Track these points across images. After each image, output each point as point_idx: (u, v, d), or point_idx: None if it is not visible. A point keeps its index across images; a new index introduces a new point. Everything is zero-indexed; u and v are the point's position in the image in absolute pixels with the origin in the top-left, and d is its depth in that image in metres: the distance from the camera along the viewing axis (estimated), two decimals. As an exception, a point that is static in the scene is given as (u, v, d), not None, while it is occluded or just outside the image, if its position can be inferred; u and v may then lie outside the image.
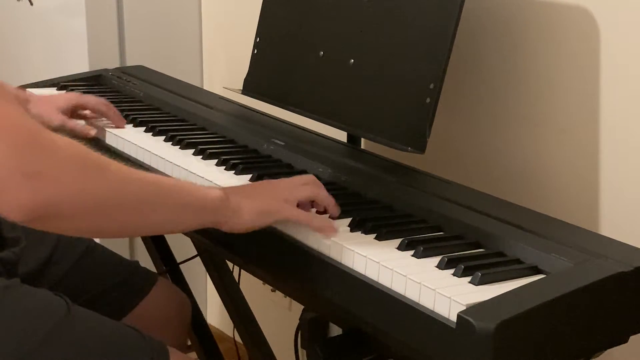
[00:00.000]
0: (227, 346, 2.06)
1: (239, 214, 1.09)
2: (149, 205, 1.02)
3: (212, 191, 1.08)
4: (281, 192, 1.13)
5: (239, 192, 1.12)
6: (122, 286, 1.48)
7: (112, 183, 0.98)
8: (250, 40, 1.68)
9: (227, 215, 1.08)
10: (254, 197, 1.11)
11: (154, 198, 1.03)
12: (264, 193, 1.13)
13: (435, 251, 1.05)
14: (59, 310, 1.17)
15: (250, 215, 1.10)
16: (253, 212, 1.10)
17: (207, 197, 1.07)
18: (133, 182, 1.01)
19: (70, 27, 2.14)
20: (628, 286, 0.98)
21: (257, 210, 1.10)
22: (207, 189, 1.09)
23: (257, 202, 1.11)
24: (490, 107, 1.54)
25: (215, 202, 1.07)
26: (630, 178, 1.35)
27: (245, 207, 1.09)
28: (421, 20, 1.34)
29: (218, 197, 1.07)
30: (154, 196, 1.03)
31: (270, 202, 1.12)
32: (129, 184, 1.00)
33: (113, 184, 0.98)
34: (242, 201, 1.09)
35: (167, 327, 1.50)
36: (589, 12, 1.37)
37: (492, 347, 0.86)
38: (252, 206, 1.10)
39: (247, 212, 1.09)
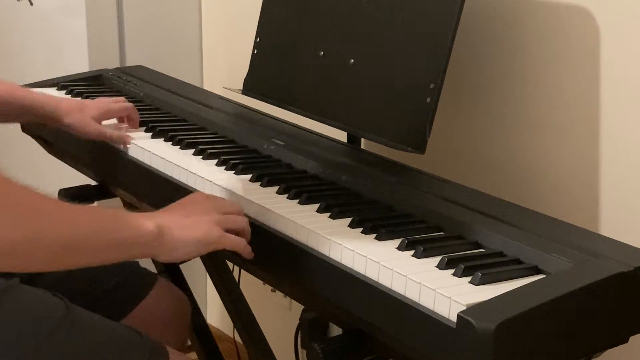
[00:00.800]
0: (227, 346, 2.06)
1: (173, 248, 1.08)
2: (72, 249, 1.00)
3: (144, 225, 1.06)
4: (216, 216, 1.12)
5: (173, 224, 1.09)
6: (122, 287, 1.47)
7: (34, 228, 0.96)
8: (250, 40, 1.68)
9: (161, 250, 1.08)
10: (188, 229, 1.09)
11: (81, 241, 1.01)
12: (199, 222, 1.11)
13: (435, 251, 1.05)
14: (58, 311, 1.17)
15: (188, 247, 1.09)
16: (190, 244, 1.09)
17: (138, 233, 1.05)
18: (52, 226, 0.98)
19: (70, 27, 2.14)
20: (628, 286, 0.98)
21: (194, 242, 1.10)
22: (140, 223, 1.06)
23: (192, 233, 1.09)
24: (490, 107, 1.54)
25: (147, 237, 1.06)
26: (630, 178, 1.35)
27: (181, 241, 1.08)
28: (421, 20, 1.34)
29: (150, 233, 1.06)
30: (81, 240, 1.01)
31: (207, 231, 1.10)
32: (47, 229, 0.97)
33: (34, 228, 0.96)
34: (176, 233, 1.08)
35: (167, 327, 1.50)
36: (589, 12, 1.37)
37: (492, 347, 0.86)
38: (188, 239, 1.09)
39: (183, 246, 1.09)
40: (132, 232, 1.06)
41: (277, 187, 1.26)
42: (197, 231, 1.10)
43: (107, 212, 1.07)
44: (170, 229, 1.08)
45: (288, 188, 1.25)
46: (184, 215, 1.12)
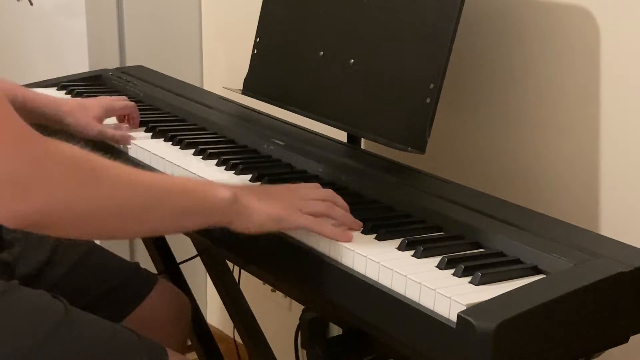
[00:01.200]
0: (227, 346, 2.06)
1: (248, 217, 1.07)
2: (146, 212, 1.01)
3: (221, 192, 1.06)
4: (296, 201, 1.11)
5: (252, 193, 1.10)
6: (123, 288, 1.47)
7: (106, 191, 0.97)
8: (250, 40, 1.68)
9: (235, 217, 1.07)
10: (266, 201, 1.09)
11: (153, 203, 1.01)
12: (279, 198, 1.11)
13: (435, 251, 1.05)
14: (57, 313, 1.17)
15: (260, 218, 1.08)
16: (263, 215, 1.08)
17: (214, 198, 1.05)
18: (130, 189, 0.99)
19: (70, 27, 2.14)
20: (628, 286, 0.98)
21: (268, 215, 1.08)
22: (216, 189, 1.06)
23: (269, 206, 1.09)
24: (490, 107, 1.54)
25: (223, 203, 1.05)
26: (630, 178, 1.35)
27: (256, 210, 1.08)
28: (421, 20, 1.34)
29: (226, 199, 1.05)
30: (153, 202, 1.01)
31: (283, 208, 1.09)
32: (125, 191, 0.98)
33: (106, 191, 0.97)
34: (253, 203, 1.08)
35: (167, 328, 1.49)
36: (589, 12, 1.37)
37: (492, 347, 0.86)
38: (264, 210, 1.08)
39: (257, 215, 1.08)
40: (207, 197, 1.05)
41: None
42: (272, 206, 1.09)
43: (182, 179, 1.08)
44: (246, 199, 1.07)
45: (288, 188, 1.25)
46: (265, 194, 1.12)
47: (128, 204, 0.99)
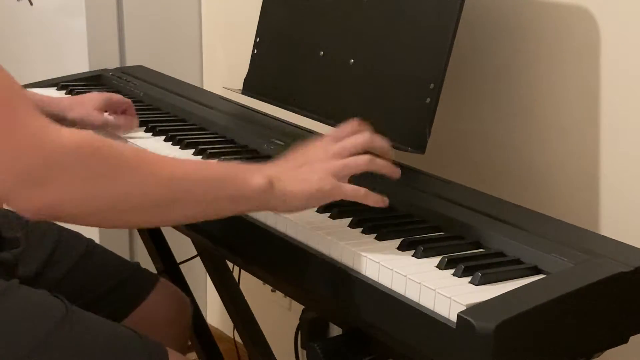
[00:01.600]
0: (227, 346, 2.06)
1: (287, 202, 1.05)
2: (172, 204, 0.99)
3: (254, 179, 1.02)
4: (331, 167, 1.07)
5: (285, 176, 1.05)
6: (123, 288, 1.47)
7: (125, 186, 0.95)
8: (250, 40, 1.68)
9: (274, 203, 1.05)
10: (300, 181, 1.05)
11: (179, 197, 0.99)
12: (313, 170, 1.07)
13: (435, 251, 1.05)
14: (57, 312, 1.17)
15: (300, 201, 1.05)
16: (303, 197, 1.05)
17: (246, 187, 1.02)
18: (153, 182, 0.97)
19: (70, 27, 2.14)
20: (628, 286, 0.98)
21: (307, 195, 1.05)
22: (250, 177, 1.02)
23: (305, 185, 1.05)
24: (490, 107, 1.54)
25: (256, 192, 1.02)
26: (630, 178, 1.35)
27: (293, 194, 1.04)
28: (421, 20, 1.34)
29: (260, 188, 1.02)
30: (179, 195, 0.99)
31: (320, 183, 1.05)
32: (147, 185, 0.96)
33: (126, 186, 0.95)
34: (288, 187, 1.04)
35: (167, 328, 1.49)
36: (589, 12, 1.37)
37: (492, 347, 0.86)
38: (301, 191, 1.05)
39: (295, 199, 1.05)
40: (240, 187, 1.02)
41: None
42: (310, 183, 1.05)
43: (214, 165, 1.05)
44: (281, 181, 1.04)
45: (288, 188, 1.25)
46: (297, 166, 1.08)
47: (150, 198, 0.97)
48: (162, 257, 1.84)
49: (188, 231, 1.38)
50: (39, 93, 1.59)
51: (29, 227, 1.38)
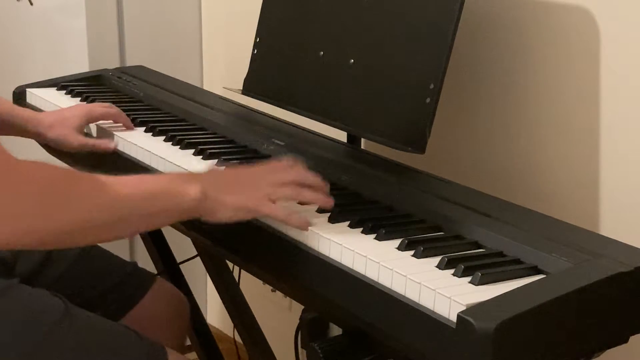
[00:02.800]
0: (227, 346, 2.06)
1: (217, 211, 1.11)
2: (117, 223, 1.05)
3: (190, 190, 1.09)
4: (264, 188, 1.13)
5: (220, 187, 1.12)
6: (120, 287, 1.48)
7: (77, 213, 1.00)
8: (250, 40, 1.68)
9: (204, 212, 1.10)
10: (234, 193, 1.12)
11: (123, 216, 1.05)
12: (248, 186, 1.13)
13: (435, 251, 1.05)
14: (57, 311, 1.17)
15: (228, 212, 1.11)
16: (231, 209, 1.11)
17: (183, 199, 1.08)
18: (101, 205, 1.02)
19: (70, 27, 2.14)
20: (628, 286, 0.98)
21: (236, 207, 1.11)
22: (185, 189, 1.09)
23: (236, 198, 1.11)
24: (490, 107, 1.54)
25: (192, 203, 1.09)
26: (630, 178, 1.35)
27: (225, 204, 1.10)
28: (421, 20, 1.34)
29: (196, 198, 1.08)
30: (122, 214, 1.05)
31: (251, 199, 1.12)
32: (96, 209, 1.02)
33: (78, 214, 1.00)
34: (221, 197, 1.10)
35: (165, 327, 1.50)
36: (589, 12, 1.37)
37: (492, 347, 0.86)
38: (232, 203, 1.11)
39: (224, 209, 1.11)
40: (178, 199, 1.08)
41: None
42: (241, 198, 1.12)
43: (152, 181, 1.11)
44: (215, 193, 1.10)
45: (288, 188, 1.25)
46: (233, 183, 1.14)
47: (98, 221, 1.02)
48: (162, 257, 1.84)
49: (188, 231, 1.38)
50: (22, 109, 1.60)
51: None
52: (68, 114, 1.55)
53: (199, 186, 1.09)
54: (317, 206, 1.18)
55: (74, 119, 1.52)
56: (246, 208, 1.11)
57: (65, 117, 1.54)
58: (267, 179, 1.15)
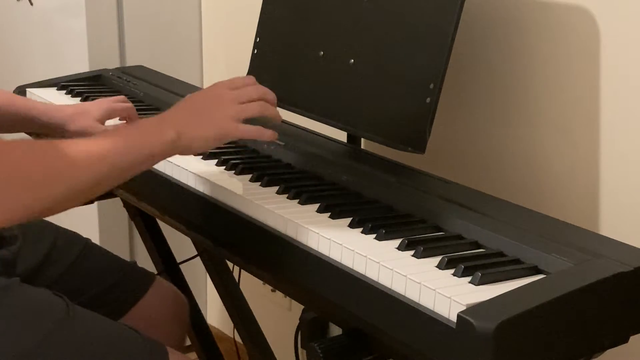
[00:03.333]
0: (227, 346, 2.06)
1: (192, 146, 1.16)
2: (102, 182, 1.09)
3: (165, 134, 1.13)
4: (229, 110, 1.18)
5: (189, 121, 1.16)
6: (120, 286, 1.48)
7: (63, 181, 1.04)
8: (250, 40, 1.68)
9: (181, 150, 1.15)
10: (203, 125, 1.16)
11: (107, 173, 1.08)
12: (213, 113, 1.18)
13: (435, 251, 1.05)
14: (59, 310, 1.17)
15: (201, 144, 1.17)
16: (204, 139, 1.16)
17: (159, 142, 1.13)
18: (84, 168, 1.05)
19: (70, 27, 2.14)
20: (628, 286, 0.98)
21: (208, 137, 1.17)
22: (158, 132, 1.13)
23: (207, 129, 1.17)
24: (490, 107, 1.54)
25: (168, 144, 1.13)
26: (630, 178, 1.35)
27: (197, 139, 1.16)
28: (421, 20, 1.34)
29: (170, 140, 1.13)
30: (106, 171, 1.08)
31: (220, 125, 1.17)
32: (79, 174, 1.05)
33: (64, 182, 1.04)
34: (193, 132, 1.15)
35: (165, 326, 1.50)
36: (589, 12, 1.37)
37: (492, 347, 0.86)
38: (204, 135, 1.16)
39: (198, 141, 1.16)
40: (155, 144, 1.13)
41: (277, 187, 1.26)
42: (211, 127, 1.17)
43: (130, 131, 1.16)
44: (187, 129, 1.15)
45: (288, 188, 1.25)
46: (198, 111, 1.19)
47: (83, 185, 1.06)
48: (162, 257, 1.84)
49: (188, 231, 1.38)
50: (41, 102, 1.58)
51: (25, 225, 1.38)
52: (89, 107, 1.54)
53: (170, 127, 1.14)
54: (317, 205, 1.19)
55: (96, 112, 1.51)
56: (218, 136, 1.17)
57: (86, 109, 1.53)
58: (230, 97, 1.20)
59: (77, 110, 1.52)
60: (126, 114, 1.55)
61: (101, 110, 1.52)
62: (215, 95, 1.22)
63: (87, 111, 1.51)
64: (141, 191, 1.49)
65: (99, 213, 2.14)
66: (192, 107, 1.20)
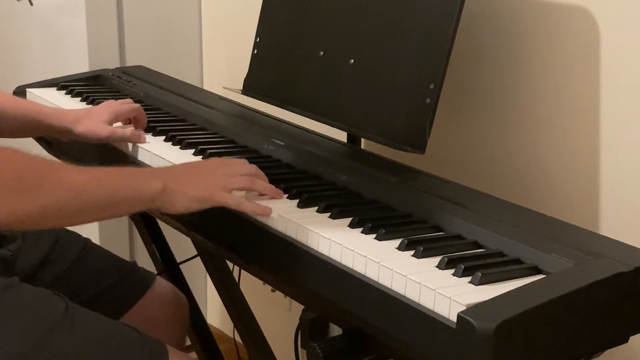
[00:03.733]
0: (227, 346, 2.06)
1: (175, 201, 1.16)
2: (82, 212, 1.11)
3: (152, 184, 1.15)
4: (219, 179, 1.19)
5: (177, 179, 1.18)
6: (119, 286, 1.48)
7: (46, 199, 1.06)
8: (250, 40, 1.68)
9: (163, 203, 1.16)
10: (190, 185, 1.17)
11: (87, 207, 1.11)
12: (204, 177, 1.20)
13: (435, 251, 1.05)
14: (58, 309, 1.18)
15: (184, 203, 1.17)
16: (187, 200, 1.17)
17: (145, 191, 1.14)
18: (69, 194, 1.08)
19: (70, 27, 2.14)
20: (628, 286, 0.98)
21: (192, 198, 1.17)
22: (148, 181, 1.15)
23: (193, 189, 1.17)
24: (490, 107, 1.54)
25: (152, 194, 1.15)
26: (630, 178, 1.35)
27: (180, 196, 1.16)
28: (421, 20, 1.34)
29: (155, 190, 1.14)
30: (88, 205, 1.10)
31: (206, 189, 1.18)
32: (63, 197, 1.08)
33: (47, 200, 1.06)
34: (178, 189, 1.16)
35: (164, 326, 1.50)
36: (589, 12, 1.37)
37: (492, 347, 0.86)
38: (188, 194, 1.17)
39: (181, 200, 1.16)
40: (139, 191, 1.15)
41: (277, 187, 1.26)
42: (198, 188, 1.18)
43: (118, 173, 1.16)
44: (174, 184, 1.16)
45: (288, 188, 1.25)
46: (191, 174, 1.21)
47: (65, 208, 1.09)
48: (162, 257, 1.84)
49: (188, 231, 1.38)
50: (47, 106, 1.58)
51: None
52: (95, 109, 1.54)
53: (159, 179, 1.16)
54: (317, 205, 1.18)
55: (102, 114, 1.51)
56: (202, 197, 1.17)
57: (92, 112, 1.53)
58: (222, 171, 1.21)
59: (84, 113, 1.52)
60: (134, 115, 1.55)
61: (108, 111, 1.51)
62: (208, 164, 1.25)
63: (93, 113, 1.51)
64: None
65: (99, 213, 2.13)
66: (185, 168, 1.25)
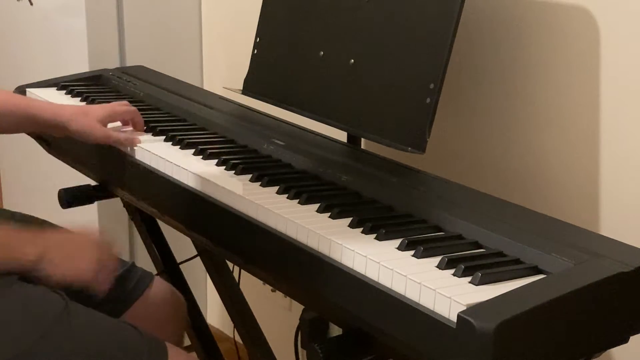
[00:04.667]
0: (227, 346, 2.06)
1: (50, 272, 1.20)
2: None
3: (28, 250, 1.20)
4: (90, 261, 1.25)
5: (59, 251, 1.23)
6: (118, 286, 1.47)
7: None
8: (250, 40, 1.68)
9: (37, 273, 1.20)
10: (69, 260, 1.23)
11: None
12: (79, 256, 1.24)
13: (435, 251, 1.05)
14: (57, 307, 1.18)
15: (58, 278, 1.21)
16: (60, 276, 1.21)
17: (21, 256, 1.19)
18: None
19: (70, 27, 2.14)
20: (628, 286, 0.98)
21: (64, 276, 1.22)
22: (24, 245, 1.20)
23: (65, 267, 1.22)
24: (490, 107, 1.54)
25: (28, 263, 1.19)
26: (630, 178, 1.35)
27: (55, 271, 1.21)
28: (421, 20, 1.34)
29: (31, 260, 1.19)
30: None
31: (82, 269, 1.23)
32: None
33: None
34: (55, 260, 1.21)
35: (163, 326, 1.49)
36: (589, 12, 1.37)
37: (492, 347, 0.86)
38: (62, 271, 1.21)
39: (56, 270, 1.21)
40: (15, 255, 1.19)
41: (277, 187, 1.27)
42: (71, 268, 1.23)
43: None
44: (50, 254, 1.21)
45: (288, 188, 1.25)
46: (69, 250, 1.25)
47: None
48: (162, 257, 1.84)
49: (188, 231, 1.38)
50: (42, 100, 1.58)
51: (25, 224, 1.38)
52: (90, 108, 1.53)
53: (37, 249, 1.20)
54: (317, 205, 1.18)
55: (97, 113, 1.50)
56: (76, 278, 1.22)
57: (87, 110, 1.51)
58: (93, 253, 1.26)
59: (80, 110, 1.51)
60: (129, 117, 1.55)
61: (103, 112, 1.51)
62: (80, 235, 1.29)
63: (89, 112, 1.50)
64: (141, 191, 1.49)
65: (99, 213, 2.14)
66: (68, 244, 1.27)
